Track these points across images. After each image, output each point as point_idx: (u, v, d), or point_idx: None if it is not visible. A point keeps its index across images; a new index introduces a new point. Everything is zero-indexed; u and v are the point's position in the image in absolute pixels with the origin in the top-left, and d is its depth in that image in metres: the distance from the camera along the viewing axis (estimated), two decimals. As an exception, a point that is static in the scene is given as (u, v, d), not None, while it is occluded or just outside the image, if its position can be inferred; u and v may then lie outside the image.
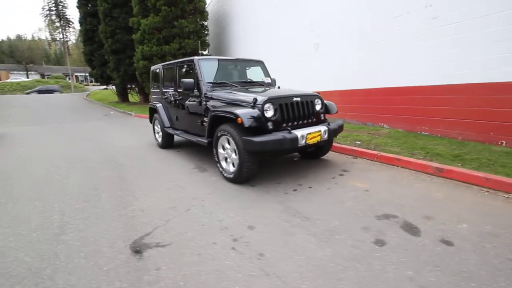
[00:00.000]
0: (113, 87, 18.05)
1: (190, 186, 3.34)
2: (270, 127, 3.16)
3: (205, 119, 3.93)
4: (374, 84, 5.96)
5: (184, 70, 4.55)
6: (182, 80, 3.99)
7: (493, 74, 4.01)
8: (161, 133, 5.45)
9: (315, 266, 1.78)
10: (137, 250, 2.04)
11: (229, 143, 3.37)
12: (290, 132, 3.12)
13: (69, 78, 36.77)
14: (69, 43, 34.83)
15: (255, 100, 3.16)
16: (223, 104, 3.57)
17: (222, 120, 3.48)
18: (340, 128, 3.74)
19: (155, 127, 5.79)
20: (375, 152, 4.10)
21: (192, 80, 3.95)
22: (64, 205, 2.92)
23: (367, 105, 6.24)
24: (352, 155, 4.41)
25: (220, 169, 3.54)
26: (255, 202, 2.82)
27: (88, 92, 27.01)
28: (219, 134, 3.42)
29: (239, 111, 3.06)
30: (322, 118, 3.78)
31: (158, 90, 5.46)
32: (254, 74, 4.90)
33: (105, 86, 19.90)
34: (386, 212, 2.48)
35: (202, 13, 13.39)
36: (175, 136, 5.12)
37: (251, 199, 2.88)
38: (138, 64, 12.70)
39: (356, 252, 1.92)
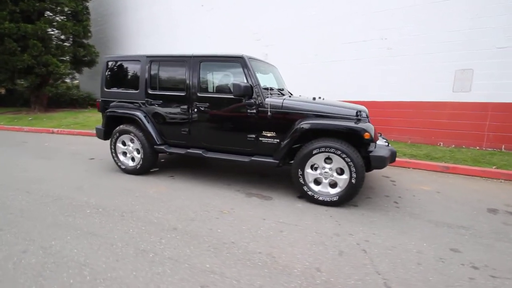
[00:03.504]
0: None
1: (299, 221, 2.61)
2: (370, 141, 3.03)
3: (266, 134, 3.18)
4: (331, 97, 6.77)
5: (211, 68, 3.44)
6: (235, 83, 3.02)
7: (430, 95, 5.65)
8: (141, 154, 3.79)
9: None
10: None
11: (326, 161, 2.91)
12: (388, 144, 3.12)
13: None
14: None
15: (359, 112, 2.93)
16: (304, 116, 3.03)
17: (304, 136, 2.98)
18: None
19: (120, 145, 3.95)
20: (384, 157, 4.75)
21: (248, 84, 3.08)
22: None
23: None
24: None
25: (310, 192, 2.97)
26: (398, 222, 2.62)
27: None
28: (315, 151, 2.87)
29: (362, 125, 2.74)
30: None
31: (135, 92, 3.78)
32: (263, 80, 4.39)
33: None
34: (487, 207, 3.02)
35: (85, -9, 10.25)
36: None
37: (386, 219, 2.65)
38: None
39: (546, 245, 2.27)
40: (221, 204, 2.98)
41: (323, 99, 3.69)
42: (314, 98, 3.42)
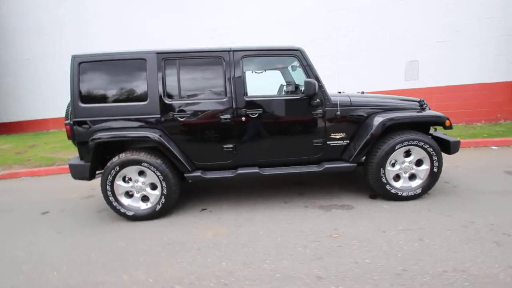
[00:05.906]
0: None
1: (414, 223, 2.42)
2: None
3: (335, 136, 2.83)
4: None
5: (258, 64, 2.76)
6: (307, 80, 2.53)
7: (388, 84, 6.45)
8: (161, 189, 2.72)
9: None
10: None
11: (405, 155, 2.81)
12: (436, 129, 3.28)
13: None
14: None
15: (422, 101, 2.97)
16: (373, 112, 2.83)
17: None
18: None
19: (121, 183, 2.74)
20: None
21: (316, 81, 2.63)
22: None
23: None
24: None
25: (393, 190, 2.81)
26: (478, 201, 2.78)
27: None
28: (397, 147, 2.72)
29: (438, 113, 2.76)
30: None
31: (141, 104, 2.67)
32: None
33: None
34: (503, 170, 3.60)
35: None
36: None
37: (467, 201, 2.78)
38: None
39: None
40: (316, 228, 2.46)
41: (363, 92, 3.59)
42: (362, 93, 3.28)
